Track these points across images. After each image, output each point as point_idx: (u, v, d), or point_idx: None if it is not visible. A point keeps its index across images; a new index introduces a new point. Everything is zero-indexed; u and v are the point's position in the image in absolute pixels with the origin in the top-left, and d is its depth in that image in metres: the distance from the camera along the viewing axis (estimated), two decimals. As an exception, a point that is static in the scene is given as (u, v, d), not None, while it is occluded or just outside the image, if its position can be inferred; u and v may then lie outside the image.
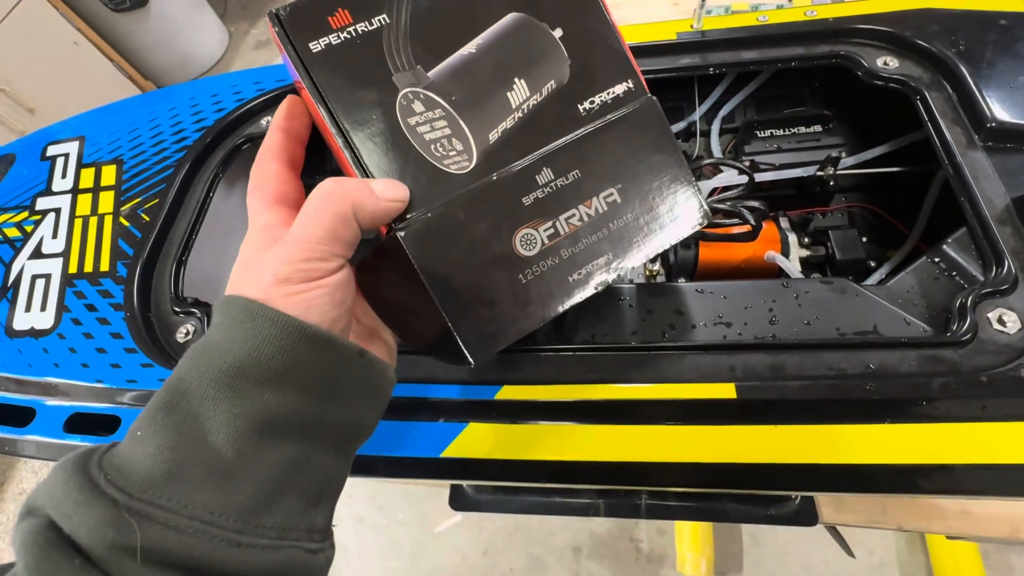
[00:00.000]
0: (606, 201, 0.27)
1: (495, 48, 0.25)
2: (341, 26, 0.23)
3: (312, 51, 0.23)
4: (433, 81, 0.24)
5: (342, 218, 0.22)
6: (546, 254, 0.26)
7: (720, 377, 0.32)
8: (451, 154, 0.24)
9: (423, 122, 0.24)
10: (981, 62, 0.40)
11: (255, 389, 0.20)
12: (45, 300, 0.44)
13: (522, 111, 0.25)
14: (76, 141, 0.54)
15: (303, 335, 0.21)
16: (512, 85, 0.25)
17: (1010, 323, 0.32)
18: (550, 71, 0.26)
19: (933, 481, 0.29)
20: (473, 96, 0.25)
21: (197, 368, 0.20)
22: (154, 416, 0.20)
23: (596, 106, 0.26)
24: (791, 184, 0.49)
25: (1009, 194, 0.35)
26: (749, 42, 0.45)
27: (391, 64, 0.24)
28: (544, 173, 0.26)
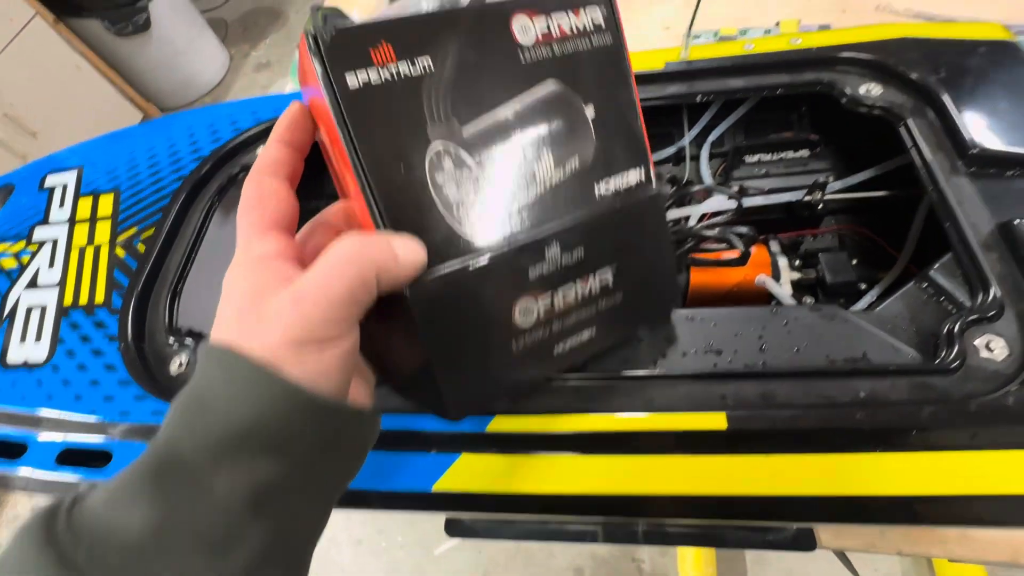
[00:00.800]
0: (600, 281, 0.28)
1: (532, 117, 0.25)
2: (383, 63, 0.22)
3: (349, 86, 0.21)
4: (467, 140, 0.23)
5: (364, 283, 0.20)
6: (539, 326, 0.26)
7: (711, 406, 0.32)
8: (470, 217, 0.24)
9: (449, 180, 0.23)
10: (962, 89, 0.41)
11: (255, 458, 0.19)
12: (40, 331, 0.44)
13: (544, 185, 0.25)
14: (74, 171, 0.54)
15: (313, 405, 0.20)
16: (541, 158, 0.25)
17: (997, 350, 0.32)
18: (576, 149, 0.26)
19: (925, 511, 0.29)
20: (502, 163, 0.24)
21: (192, 432, 0.19)
22: (142, 482, 0.18)
23: (611, 190, 0.27)
24: (780, 208, 0.49)
25: (993, 219, 0.36)
26: (735, 70, 0.46)
27: (428, 114, 0.23)
28: (553, 248, 0.26)
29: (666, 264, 0.31)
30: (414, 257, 0.22)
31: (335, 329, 0.20)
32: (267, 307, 0.20)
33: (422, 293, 0.23)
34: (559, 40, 0.26)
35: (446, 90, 0.23)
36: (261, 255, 0.22)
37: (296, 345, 0.19)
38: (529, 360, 0.26)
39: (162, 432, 0.20)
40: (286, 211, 0.24)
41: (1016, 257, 0.34)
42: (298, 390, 0.19)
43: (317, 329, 0.20)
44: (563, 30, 0.26)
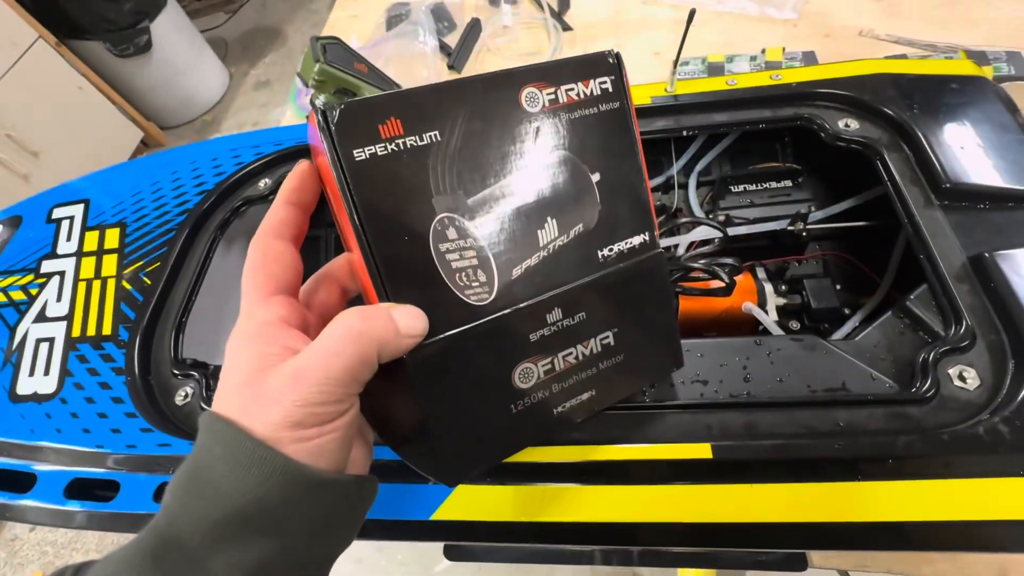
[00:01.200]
0: (601, 343, 0.28)
1: (536, 182, 0.25)
2: (390, 136, 0.22)
3: (355, 159, 0.22)
4: (472, 209, 0.24)
5: (364, 360, 0.21)
6: (539, 387, 0.26)
7: (697, 436, 0.34)
8: (473, 285, 0.24)
9: (453, 250, 0.23)
10: (935, 124, 0.43)
11: (255, 537, 0.19)
12: (48, 364, 0.45)
13: (548, 250, 0.26)
14: (81, 204, 0.56)
15: (310, 483, 0.20)
16: (544, 224, 0.25)
17: (970, 379, 0.33)
18: (581, 215, 0.26)
19: (903, 538, 0.30)
20: (507, 232, 0.25)
21: (190, 512, 0.19)
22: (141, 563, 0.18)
23: (614, 254, 0.27)
24: (765, 236, 0.51)
25: (965, 252, 0.37)
26: (719, 105, 0.48)
27: (434, 185, 0.23)
28: (555, 312, 0.26)
29: (668, 322, 0.31)
30: (415, 328, 0.22)
31: (334, 408, 0.20)
32: (268, 383, 0.20)
33: (421, 359, 0.23)
34: (566, 106, 0.26)
35: (451, 160, 0.23)
36: (264, 322, 0.22)
37: (295, 427, 0.20)
38: (527, 422, 0.26)
39: (162, 511, 0.20)
40: (290, 274, 0.24)
41: (987, 289, 0.35)
42: (298, 470, 0.19)
43: (316, 410, 0.20)
44: (571, 97, 0.26)
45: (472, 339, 0.24)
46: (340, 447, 0.21)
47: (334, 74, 0.56)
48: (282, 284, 0.24)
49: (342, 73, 0.56)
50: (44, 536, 1.35)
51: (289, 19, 2.33)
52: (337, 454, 0.21)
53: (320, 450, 0.20)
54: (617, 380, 0.30)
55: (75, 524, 0.38)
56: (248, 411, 0.20)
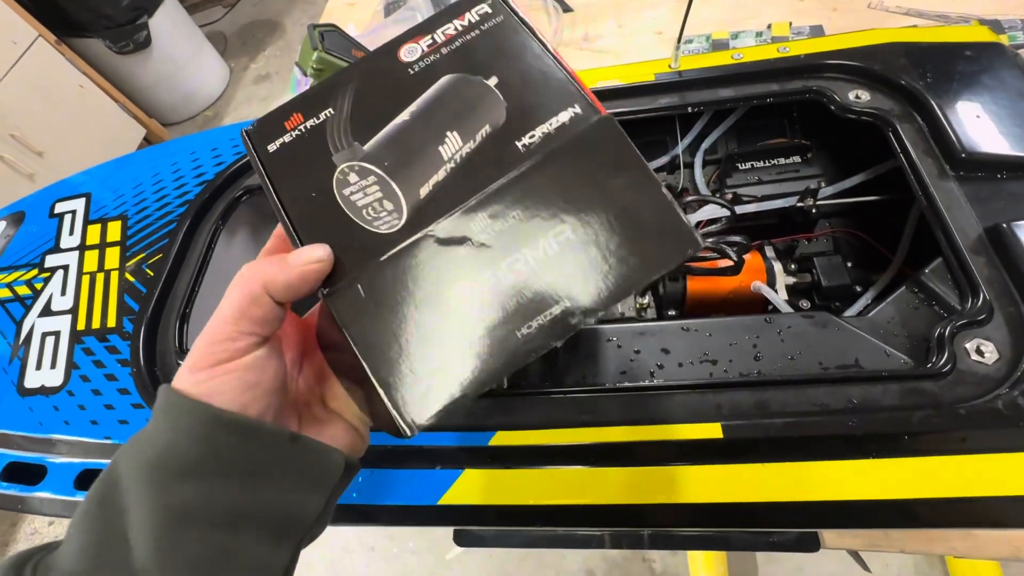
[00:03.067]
0: (557, 240, 0.23)
1: (426, 110, 0.26)
2: (294, 126, 0.26)
3: (269, 151, 0.26)
4: (367, 152, 0.26)
5: (251, 297, 0.22)
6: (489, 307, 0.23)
7: (707, 416, 0.33)
8: (382, 215, 0.25)
9: (356, 191, 0.25)
10: (949, 93, 0.41)
11: (174, 481, 0.20)
12: (55, 357, 0.45)
13: (455, 161, 0.25)
14: (82, 198, 0.56)
15: (218, 422, 0.20)
16: (444, 139, 0.25)
17: (988, 353, 0.32)
18: (483, 117, 0.25)
19: (917, 515, 0.30)
20: (403, 156, 0.25)
21: (127, 460, 0.20)
22: (87, 510, 0.20)
23: (537, 139, 0.24)
24: (774, 214, 0.50)
25: (981, 223, 0.36)
26: (724, 80, 0.47)
27: (332, 147, 0.26)
28: (479, 219, 0.24)
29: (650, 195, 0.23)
30: (307, 254, 0.23)
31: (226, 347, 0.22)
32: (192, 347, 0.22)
33: (337, 291, 0.24)
34: (445, 43, 0.27)
35: (344, 124, 0.26)
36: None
37: (193, 370, 0.21)
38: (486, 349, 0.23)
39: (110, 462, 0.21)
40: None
41: (1004, 261, 0.34)
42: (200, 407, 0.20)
43: (207, 350, 0.21)
44: (448, 34, 0.27)
45: (389, 265, 0.24)
46: (240, 388, 0.22)
47: (332, 62, 0.55)
48: None
49: (340, 61, 0.56)
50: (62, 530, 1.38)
51: (287, 11, 2.31)
52: (237, 396, 0.21)
53: (215, 388, 0.21)
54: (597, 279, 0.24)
55: (86, 514, 0.38)
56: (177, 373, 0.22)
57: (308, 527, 0.23)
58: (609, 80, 0.49)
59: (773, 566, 1.05)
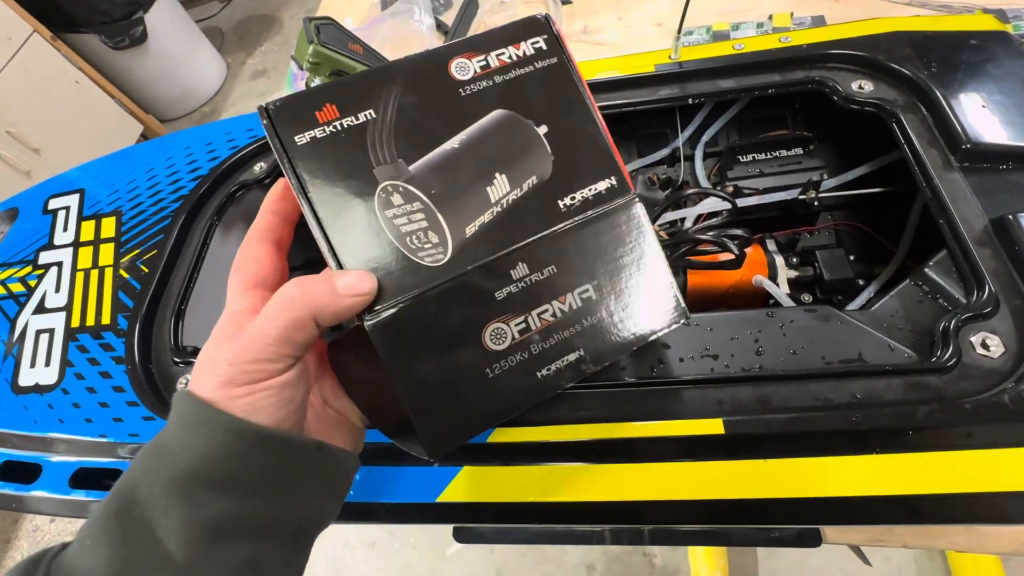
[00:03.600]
0: (581, 297, 0.27)
1: (478, 143, 0.25)
2: (328, 120, 0.24)
3: (297, 143, 0.24)
4: (414, 175, 0.24)
5: (298, 323, 0.22)
6: (515, 348, 0.26)
7: (708, 412, 0.33)
8: (426, 246, 0.24)
9: (400, 215, 0.24)
10: (954, 83, 0.41)
11: (207, 495, 0.20)
12: (49, 355, 0.45)
13: (501, 205, 0.25)
14: (76, 194, 0.55)
15: (256, 438, 0.21)
16: (493, 180, 0.25)
17: (993, 347, 0.32)
18: (532, 167, 0.26)
19: (923, 511, 0.30)
20: (453, 190, 0.25)
21: (149, 473, 0.20)
22: (105, 524, 0.20)
23: (577, 202, 0.26)
24: (776, 207, 0.49)
25: (987, 215, 0.36)
26: (726, 71, 0.46)
27: (373, 158, 0.24)
28: (519, 268, 0.25)
29: (657, 270, 0.28)
30: (358, 287, 0.22)
31: (266, 367, 0.21)
32: (218, 354, 0.22)
33: (381, 324, 0.23)
34: (499, 69, 0.26)
35: (389, 134, 0.24)
36: (233, 311, 0.24)
37: (228, 384, 0.21)
38: (509, 386, 0.26)
39: (125, 476, 0.21)
40: (268, 272, 0.25)
41: (1010, 253, 0.34)
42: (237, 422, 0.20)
43: (247, 367, 0.21)
44: (503, 60, 0.26)
45: (432, 301, 0.24)
46: (277, 405, 0.22)
47: (329, 55, 0.54)
48: (259, 280, 0.25)
49: (336, 54, 0.55)
50: (64, 526, 1.38)
51: (284, 5, 2.30)
52: (275, 412, 0.22)
53: (254, 406, 0.21)
54: (605, 337, 0.28)
55: (82, 513, 0.38)
56: (201, 379, 0.22)
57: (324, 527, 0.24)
58: (609, 72, 0.48)
59: (774, 560, 1.05)
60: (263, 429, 0.21)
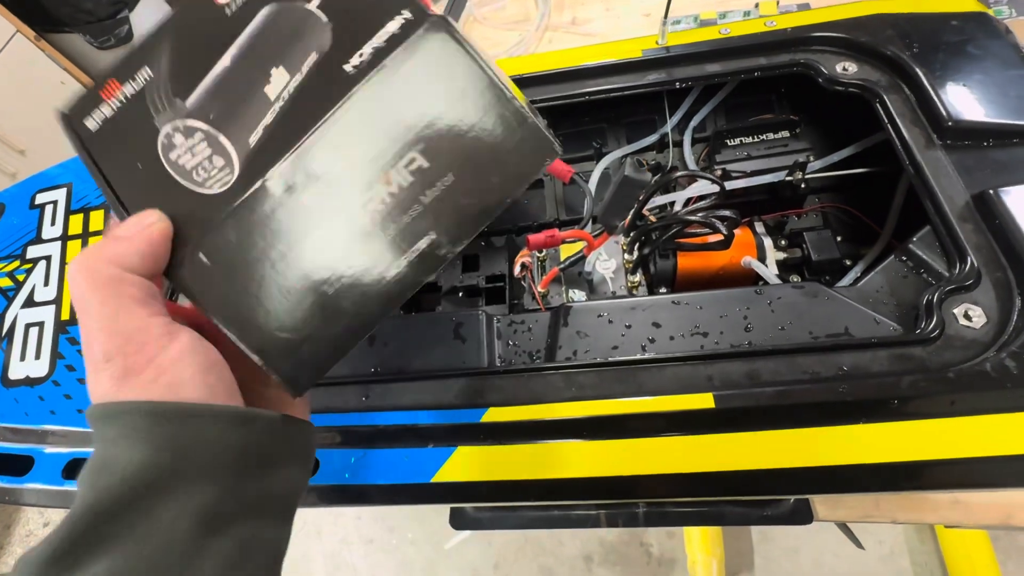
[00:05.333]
0: (409, 171, 0.22)
1: (248, 49, 0.23)
2: (111, 95, 0.23)
3: (90, 130, 0.23)
4: (191, 108, 0.23)
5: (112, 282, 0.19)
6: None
7: (698, 387, 0.33)
8: (213, 173, 0.22)
9: (183, 152, 0.23)
10: (936, 63, 0.41)
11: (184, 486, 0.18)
12: (39, 348, 0.45)
13: (282, 99, 0.22)
14: (63, 188, 0.55)
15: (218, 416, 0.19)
16: (268, 77, 0.22)
17: (975, 318, 0.32)
18: (308, 45, 0.22)
19: (909, 478, 0.30)
20: (230, 106, 0.23)
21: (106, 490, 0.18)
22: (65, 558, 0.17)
23: (367, 57, 0.22)
24: (764, 190, 0.50)
25: (968, 191, 0.36)
26: (712, 55, 0.46)
27: (153, 110, 0.23)
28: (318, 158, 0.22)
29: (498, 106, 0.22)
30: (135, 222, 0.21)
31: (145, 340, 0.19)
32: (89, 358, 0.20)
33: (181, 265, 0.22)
34: None
35: (164, 83, 0.23)
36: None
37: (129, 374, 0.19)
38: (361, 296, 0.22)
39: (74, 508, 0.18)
40: None
41: (991, 226, 0.34)
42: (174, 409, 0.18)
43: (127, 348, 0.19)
44: None
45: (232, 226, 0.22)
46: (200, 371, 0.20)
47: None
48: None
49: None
50: (57, 531, 1.37)
51: (272, 4, 2.28)
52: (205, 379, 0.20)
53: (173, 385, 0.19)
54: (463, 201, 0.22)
55: (75, 504, 0.38)
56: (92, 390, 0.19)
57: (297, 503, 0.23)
58: (596, 58, 0.49)
59: (768, 545, 1.06)
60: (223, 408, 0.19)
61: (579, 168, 0.57)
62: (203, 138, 0.22)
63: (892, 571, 1.01)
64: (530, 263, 0.46)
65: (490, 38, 0.82)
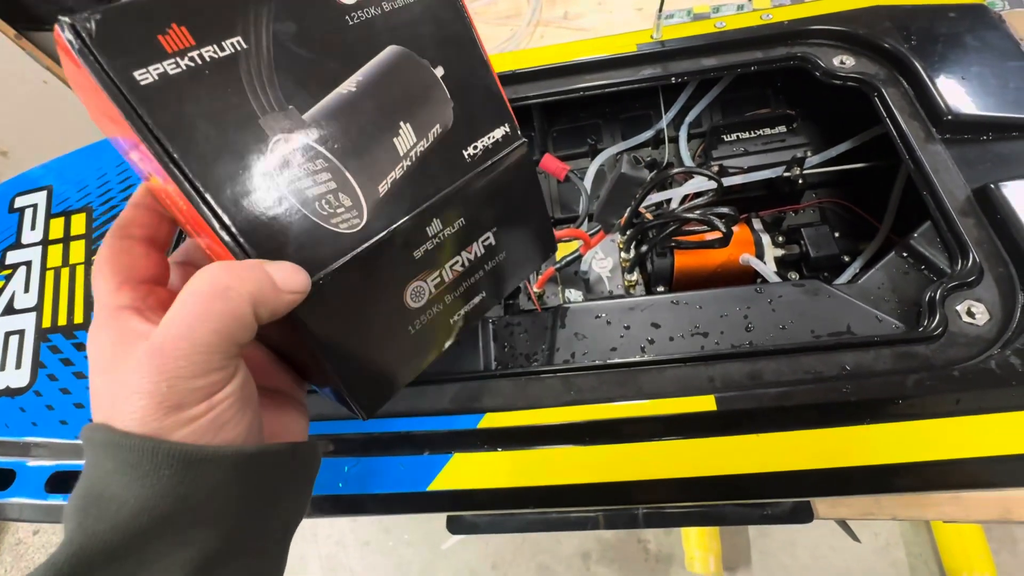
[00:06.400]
0: (484, 245, 0.27)
1: (377, 86, 0.22)
2: (179, 49, 0.17)
3: (140, 83, 0.17)
4: (311, 125, 0.20)
5: (240, 320, 0.17)
6: (432, 303, 0.25)
7: (699, 389, 0.32)
8: (339, 211, 0.21)
9: (303, 175, 0.20)
10: (934, 55, 0.41)
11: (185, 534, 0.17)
12: (20, 357, 0.43)
13: (410, 159, 0.23)
14: (43, 191, 0.53)
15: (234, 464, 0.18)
16: (399, 130, 0.23)
17: (979, 314, 0.32)
18: (435, 114, 0.24)
19: (914, 479, 0.30)
20: (358, 144, 0.22)
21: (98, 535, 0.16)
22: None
23: (479, 151, 0.26)
24: (761, 185, 0.49)
25: (969, 185, 0.36)
26: (708, 49, 0.46)
27: (255, 104, 0.19)
28: (434, 224, 0.25)
29: (540, 212, 0.30)
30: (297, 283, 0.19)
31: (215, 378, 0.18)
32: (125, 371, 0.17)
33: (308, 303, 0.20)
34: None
35: (268, 72, 0.19)
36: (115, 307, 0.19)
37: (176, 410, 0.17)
38: (427, 337, 0.26)
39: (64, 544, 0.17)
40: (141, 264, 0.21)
41: (992, 221, 0.34)
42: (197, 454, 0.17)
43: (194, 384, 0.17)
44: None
45: (354, 269, 0.22)
46: (242, 409, 0.19)
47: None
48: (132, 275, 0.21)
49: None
50: (49, 539, 1.34)
51: (259, 0, 2.25)
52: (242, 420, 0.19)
53: (218, 424, 0.18)
54: (503, 277, 0.29)
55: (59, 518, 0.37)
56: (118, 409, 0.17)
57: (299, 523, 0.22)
58: (590, 53, 0.48)
59: (765, 540, 1.06)
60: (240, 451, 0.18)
61: (574, 165, 0.56)
62: (326, 167, 0.21)
63: (888, 563, 1.01)
64: (525, 263, 0.45)
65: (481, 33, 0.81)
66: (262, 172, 0.19)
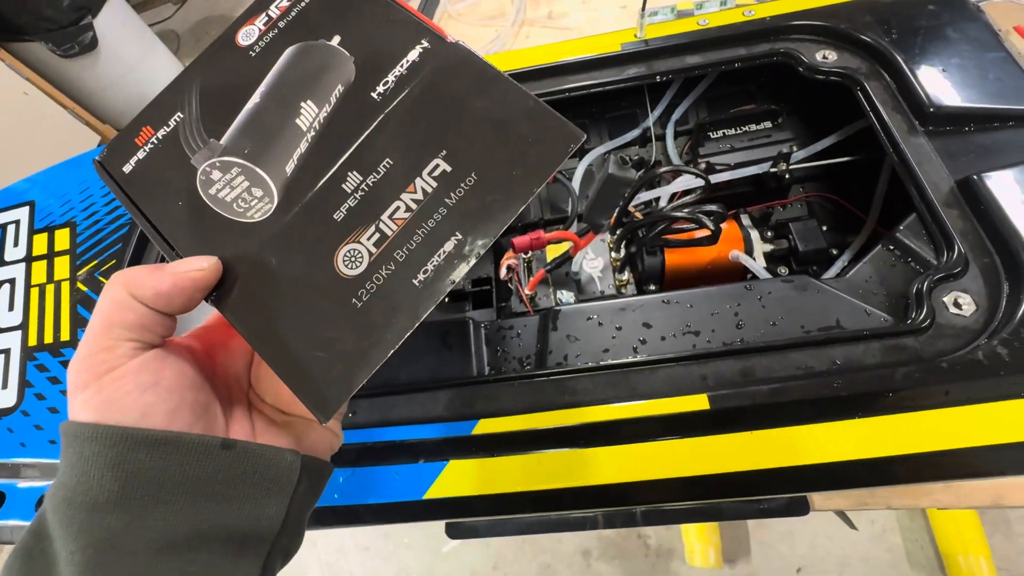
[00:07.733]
0: (432, 177, 0.23)
1: (276, 86, 0.25)
2: (145, 141, 0.25)
3: (126, 173, 0.25)
4: (225, 146, 0.25)
5: (116, 302, 0.21)
6: (377, 265, 0.22)
7: (692, 388, 0.33)
8: (253, 204, 0.24)
9: (222, 187, 0.24)
10: (915, 49, 0.41)
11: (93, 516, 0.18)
12: (6, 377, 0.43)
13: (314, 129, 0.24)
14: (26, 207, 0.52)
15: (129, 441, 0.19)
16: (300, 110, 0.25)
17: (965, 305, 0.32)
18: (334, 78, 0.25)
19: (906, 471, 0.30)
20: (263, 140, 0.24)
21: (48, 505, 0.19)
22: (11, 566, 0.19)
23: (391, 83, 0.24)
24: (748, 181, 0.49)
25: (953, 177, 0.36)
26: (691, 47, 0.46)
27: (188, 151, 0.25)
28: (350, 179, 0.23)
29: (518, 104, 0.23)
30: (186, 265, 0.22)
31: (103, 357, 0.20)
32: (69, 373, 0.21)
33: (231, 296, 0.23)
34: (281, 17, 0.26)
35: (196, 124, 0.25)
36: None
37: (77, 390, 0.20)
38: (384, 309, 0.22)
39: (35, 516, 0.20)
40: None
41: (976, 212, 0.34)
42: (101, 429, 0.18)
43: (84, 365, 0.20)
44: (282, 7, 0.26)
45: (269, 253, 0.23)
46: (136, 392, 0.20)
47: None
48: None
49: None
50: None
51: (240, 5, 2.23)
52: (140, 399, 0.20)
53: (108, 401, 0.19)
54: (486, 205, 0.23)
55: (51, 539, 0.36)
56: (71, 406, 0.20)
57: (271, 540, 0.21)
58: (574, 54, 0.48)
59: (764, 531, 1.07)
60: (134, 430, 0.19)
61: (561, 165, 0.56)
62: (240, 172, 0.24)
63: (884, 548, 1.02)
64: (516, 265, 0.45)
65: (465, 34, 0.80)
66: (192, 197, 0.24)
